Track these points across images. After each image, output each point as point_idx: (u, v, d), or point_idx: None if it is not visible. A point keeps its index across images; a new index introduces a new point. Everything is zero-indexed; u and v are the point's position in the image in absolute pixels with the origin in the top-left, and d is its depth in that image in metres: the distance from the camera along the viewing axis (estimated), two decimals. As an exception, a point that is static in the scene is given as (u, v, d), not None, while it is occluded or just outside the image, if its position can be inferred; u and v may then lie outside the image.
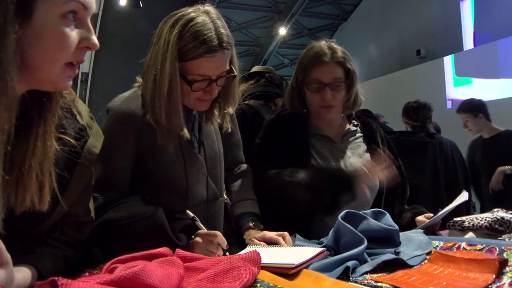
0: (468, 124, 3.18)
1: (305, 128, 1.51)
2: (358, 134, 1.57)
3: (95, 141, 0.91)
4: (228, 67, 1.16)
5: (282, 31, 8.98)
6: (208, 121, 1.27)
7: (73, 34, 0.68)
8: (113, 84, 1.12)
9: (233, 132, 1.39)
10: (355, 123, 1.59)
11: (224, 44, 1.11)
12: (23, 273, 0.72)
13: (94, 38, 0.71)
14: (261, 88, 2.39)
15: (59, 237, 0.88)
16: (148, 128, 1.13)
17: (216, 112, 1.26)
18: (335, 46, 1.47)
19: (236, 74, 1.19)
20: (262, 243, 1.14)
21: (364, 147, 1.54)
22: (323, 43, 1.48)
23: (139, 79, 1.24)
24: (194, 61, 1.09)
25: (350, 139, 1.53)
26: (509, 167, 2.98)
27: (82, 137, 0.87)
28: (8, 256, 0.63)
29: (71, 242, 0.90)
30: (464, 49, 6.47)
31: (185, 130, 1.15)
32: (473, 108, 3.16)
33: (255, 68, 2.57)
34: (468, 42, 6.52)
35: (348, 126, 1.57)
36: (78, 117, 0.87)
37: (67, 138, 0.82)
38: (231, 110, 1.29)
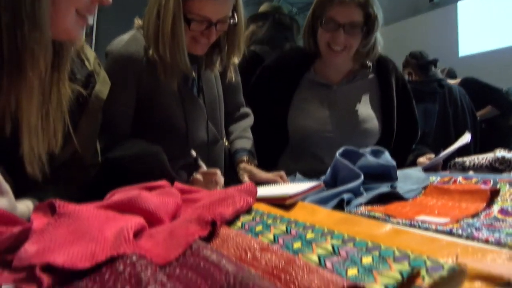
0: None
1: (300, 74, 1.48)
2: (370, 76, 1.52)
3: (102, 87, 0.94)
4: (230, 14, 1.14)
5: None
6: (208, 69, 1.26)
7: None
8: (118, 35, 1.15)
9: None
10: (369, 64, 1.52)
11: None
12: (26, 204, 0.76)
13: None
14: (267, 32, 2.31)
15: (64, 178, 0.91)
16: (148, 71, 1.13)
17: (215, 60, 1.25)
18: None
19: (237, 22, 1.17)
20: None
21: (370, 90, 1.50)
22: None
23: (137, 21, 1.22)
24: (196, 1, 1.07)
25: (356, 83, 1.50)
26: (478, 113, 2.93)
27: (90, 82, 0.90)
28: (6, 186, 0.66)
29: (76, 183, 0.93)
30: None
31: (190, 67, 1.15)
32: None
33: (264, 7, 2.48)
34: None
35: (357, 68, 1.51)
36: (86, 62, 0.91)
37: (76, 83, 0.86)
38: (236, 60, 1.28)
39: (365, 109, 1.46)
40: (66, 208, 0.54)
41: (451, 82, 3.10)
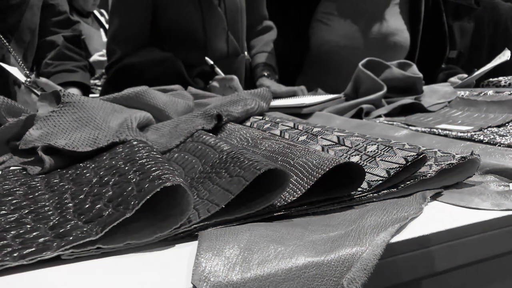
0: None
1: None
2: None
3: None
4: None
5: None
6: None
7: None
8: None
9: None
10: None
11: None
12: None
13: None
14: None
15: (66, 45, 1.16)
16: None
17: None
18: None
19: None
20: None
21: None
22: None
23: None
24: None
25: None
26: None
27: None
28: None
29: (76, 50, 1.20)
30: None
31: None
32: None
33: None
34: None
35: None
36: None
37: None
38: None
39: (394, 20, 1.35)
40: (71, 98, 0.53)
41: None
